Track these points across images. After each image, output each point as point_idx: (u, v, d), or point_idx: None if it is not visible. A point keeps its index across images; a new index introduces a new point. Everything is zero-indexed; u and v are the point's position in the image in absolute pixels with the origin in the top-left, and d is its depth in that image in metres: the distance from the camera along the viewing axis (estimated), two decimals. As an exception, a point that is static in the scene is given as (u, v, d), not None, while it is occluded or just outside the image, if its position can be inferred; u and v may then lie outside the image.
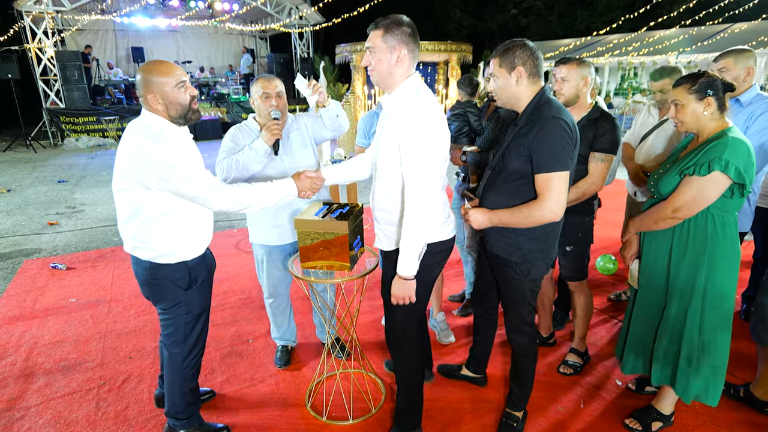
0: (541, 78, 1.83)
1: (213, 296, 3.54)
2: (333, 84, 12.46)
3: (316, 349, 2.88)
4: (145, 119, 1.80)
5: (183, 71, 1.83)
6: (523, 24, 21.33)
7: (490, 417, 2.30)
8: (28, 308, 3.43)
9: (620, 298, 3.39)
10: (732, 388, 2.36)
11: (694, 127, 1.87)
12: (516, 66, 1.77)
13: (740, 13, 12.13)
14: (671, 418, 2.19)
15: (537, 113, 1.77)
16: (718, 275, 1.88)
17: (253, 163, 2.26)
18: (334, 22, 13.10)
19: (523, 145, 1.77)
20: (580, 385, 2.51)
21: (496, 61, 1.82)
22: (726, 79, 1.82)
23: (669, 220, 1.90)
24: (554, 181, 1.73)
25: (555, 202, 1.74)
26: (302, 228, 2.04)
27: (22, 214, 5.85)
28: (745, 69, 2.34)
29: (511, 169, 1.83)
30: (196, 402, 2.16)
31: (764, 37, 10.43)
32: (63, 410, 2.37)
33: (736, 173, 1.73)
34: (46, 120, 11.25)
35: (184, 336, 2.01)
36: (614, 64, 13.35)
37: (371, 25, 1.73)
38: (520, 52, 1.76)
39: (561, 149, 1.72)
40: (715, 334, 1.95)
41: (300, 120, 2.51)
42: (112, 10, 13.05)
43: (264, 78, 2.34)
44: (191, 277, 1.94)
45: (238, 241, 4.83)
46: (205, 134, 11.90)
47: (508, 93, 1.83)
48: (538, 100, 1.79)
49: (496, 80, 1.84)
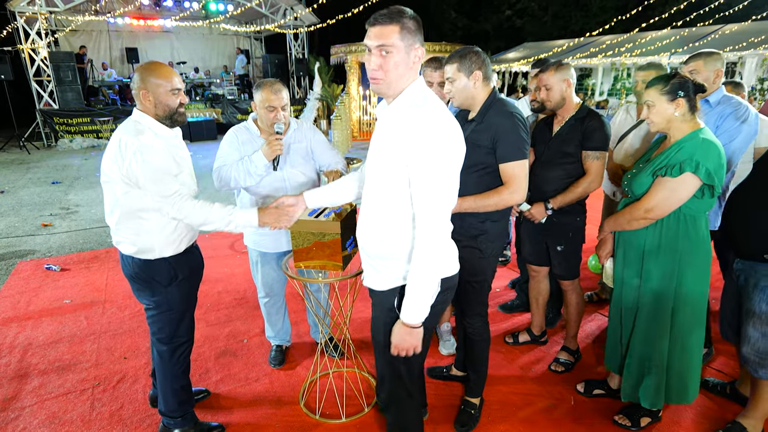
0: (492, 80, 2.04)
1: (207, 296, 3.58)
2: (328, 85, 12.48)
3: (310, 348, 2.90)
4: (134, 117, 1.89)
5: (181, 80, 1.92)
6: (517, 25, 21.43)
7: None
8: (22, 309, 3.43)
9: (591, 299, 3.42)
10: (719, 386, 2.40)
11: (665, 128, 1.91)
12: (473, 70, 1.97)
13: (731, 14, 12.24)
14: (659, 414, 2.23)
15: (494, 110, 1.98)
16: (690, 274, 1.93)
17: (251, 176, 2.23)
18: (329, 23, 13.12)
19: (485, 139, 1.96)
20: (570, 382, 2.54)
21: (454, 66, 1.99)
22: (697, 81, 1.86)
23: (642, 220, 1.94)
24: (518, 169, 1.95)
25: (523, 187, 1.97)
26: (295, 228, 2.06)
27: (16, 215, 5.84)
28: (714, 71, 2.39)
29: (471, 161, 1.86)
30: (189, 400, 2.17)
31: (754, 38, 10.54)
32: (58, 410, 2.38)
33: (707, 174, 1.77)
34: (40, 121, 11.21)
35: (169, 333, 2.04)
36: (607, 64, 13.44)
37: (381, 19, 1.39)
38: (476, 58, 1.97)
39: (522, 140, 1.94)
40: (689, 333, 1.99)
41: (305, 134, 2.44)
42: (106, 11, 13.01)
43: (270, 88, 2.23)
44: (172, 274, 1.97)
45: (233, 241, 4.84)
46: (199, 135, 11.87)
47: (466, 94, 2.02)
48: (491, 99, 2.01)
49: (454, 83, 2.02)
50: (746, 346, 1.96)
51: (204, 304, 3.46)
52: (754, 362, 1.94)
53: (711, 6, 11.94)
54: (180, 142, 2.00)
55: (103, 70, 13.70)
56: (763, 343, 1.90)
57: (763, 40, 10.42)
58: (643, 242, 1.99)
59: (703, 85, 1.86)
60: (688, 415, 2.28)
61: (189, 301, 2.10)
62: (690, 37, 12.05)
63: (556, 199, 2.38)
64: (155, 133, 1.86)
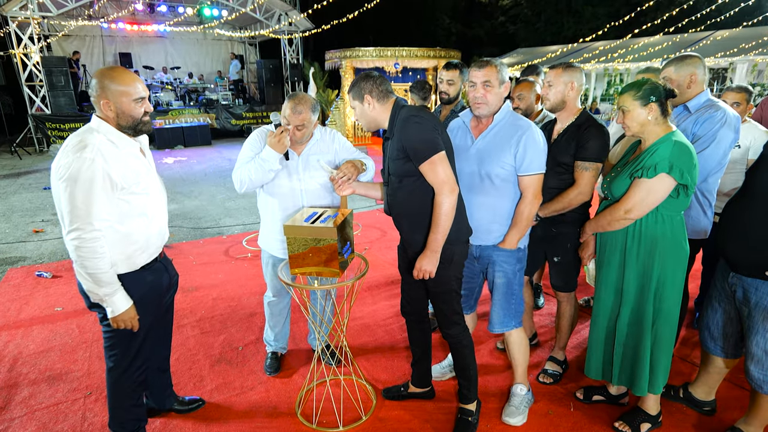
0: (389, 94, 2.02)
1: (202, 303, 3.54)
2: (323, 90, 12.49)
3: (306, 356, 2.87)
4: (92, 124, 1.77)
5: (144, 86, 1.81)
6: (510, 31, 21.59)
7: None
8: (12, 317, 3.37)
9: (589, 304, 3.41)
10: (672, 389, 2.41)
11: (640, 132, 1.98)
12: (364, 95, 1.99)
13: (722, 20, 12.40)
14: (659, 419, 2.22)
15: (399, 122, 1.96)
16: (669, 272, 2.00)
17: (265, 172, 2.24)
18: (324, 29, 13.13)
19: (396, 149, 1.95)
20: (569, 389, 2.52)
21: (350, 96, 2.05)
22: (668, 86, 1.95)
23: (622, 221, 2.01)
24: (438, 163, 1.88)
25: (449, 178, 1.89)
26: (291, 234, 2.04)
27: (7, 221, 5.76)
28: (687, 76, 2.35)
29: (399, 174, 1.98)
30: (137, 419, 2.09)
31: (745, 44, 10.68)
32: (48, 421, 2.32)
33: (680, 174, 1.85)
34: (32, 126, 11.11)
35: (120, 353, 1.94)
36: (600, 70, 13.57)
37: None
38: (364, 83, 1.99)
39: (428, 133, 1.88)
40: (663, 328, 2.06)
41: (327, 145, 2.44)
42: (99, 16, 12.95)
43: (292, 105, 2.24)
44: None
45: (228, 247, 4.81)
46: (194, 141, 11.85)
47: (368, 118, 2.05)
48: (394, 112, 1.99)
49: (355, 110, 2.08)
50: (751, 363, 1.96)
51: (198, 312, 3.42)
52: (759, 379, 1.95)
53: (702, 12, 12.09)
54: (139, 153, 1.89)
55: (97, 76, 13.62)
56: (767, 361, 1.91)
57: (754, 45, 10.56)
58: (623, 242, 2.06)
59: (674, 91, 1.95)
60: (688, 420, 2.27)
61: (144, 323, 1.92)
62: (682, 43, 12.18)
63: (542, 207, 2.32)
64: (112, 142, 1.75)
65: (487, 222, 2.16)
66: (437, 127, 1.93)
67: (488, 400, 2.43)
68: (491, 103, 2.06)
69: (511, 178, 2.09)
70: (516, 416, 2.27)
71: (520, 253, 2.22)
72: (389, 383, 2.58)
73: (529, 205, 2.10)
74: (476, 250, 2.25)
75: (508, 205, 2.14)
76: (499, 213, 2.15)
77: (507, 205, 2.14)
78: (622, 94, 1.99)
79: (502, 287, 2.23)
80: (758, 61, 10.61)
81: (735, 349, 2.12)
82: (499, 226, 2.16)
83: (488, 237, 2.19)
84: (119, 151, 1.78)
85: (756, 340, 1.92)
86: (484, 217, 2.16)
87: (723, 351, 2.14)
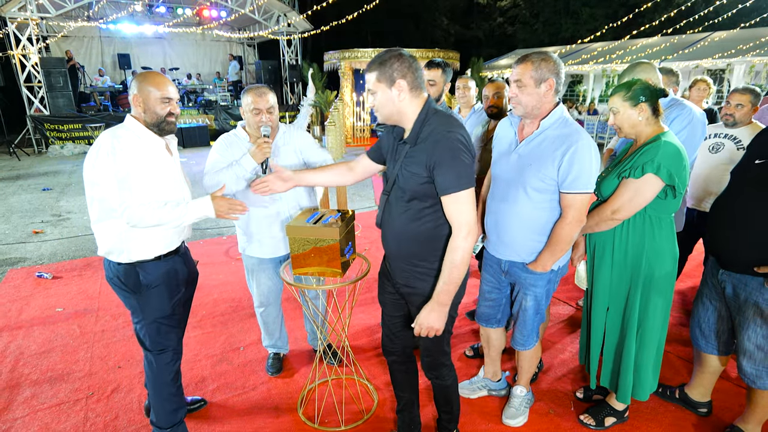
0: (423, 89, 1.65)
1: (203, 304, 3.55)
2: (322, 91, 12.50)
3: (308, 355, 2.88)
4: (125, 122, 1.92)
5: (175, 92, 1.94)
6: (509, 32, 21.66)
7: None
8: (13, 318, 3.37)
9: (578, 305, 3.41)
10: (668, 390, 2.42)
11: (631, 132, 1.97)
12: (396, 79, 1.58)
13: (719, 22, 12.46)
14: (625, 414, 2.24)
15: (428, 129, 1.60)
16: (657, 274, 1.98)
17: (239, 180, 2.21)
18: (322, 30, 13.16)
19: (420, 166, 1.59)
20: (566, 389, 2.54)
21: (373, 75, 1.61)
22: (659, 86, 1.92)
23: (609, 221, 1.99)
24: (465, 201, 1.58)
25: (472, 219, 1.59)
26: (294, 234, 2.05)
27: (6, 222, 5.76)
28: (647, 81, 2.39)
29: (411, 192, 1.64)
30: (178, 409, 2.13)
31: (742, 45, 10.74)
32: (50, 422, 2.33)
33: (667, 175, 1.83)
34: (30, 127, 11.10)
35: (149, 342, 2.02)
36: (598, 71, 13.61)
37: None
38: (398, 63, 1.58)
39: (466, 166, 1.57)
40: (652, 332, 2.05)
41: (293, 136, 2.43)
42: (98, 17, 12.96)
43: (255, 91, 2.23)
44: (139, 281, 1.93)
45: (228, 248, 4.81)
46: (192, 141, 11.84)
47: (390, 110, 1.64)
48: (424, 115, 1.62)
49: (375, 95, 1.65)
50: (743, 358, 1.98)
51: (199, 312, 3.43)
52: (751, 374, 1.96)
53: (700, 14, 12.15)
54: (164, 150, 1.97)
55: (100, 77, 13.63)
56: (759, 355, 1.93)
57: (751, 47, 10.62)
58: (611, 243, 2.04)
59: (665, 90, 1.93)
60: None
61: (163, 310, 2.00)
62: (679, 44, 12.25)
63: None
64: (138, 136, 1.88)
65: (518, 235, 1.95)
66: (472, 154, 1.61)
67: (489, 400, 2.45)
68: (525, 104, 1.83)
69: (550, 190, 1.85)
70: (516, 417, 2.27)
71: (552, 274, 1.99)
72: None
73: (568, 226, 1.84)
74: (504, 265, 2.06)
75: (544, 219, 1.90)
76: (531, 226, 1.92)
77: (543, 218, 1.90)
78: (612, 96, 1.97)
79: (531, 309, 2.06)
80: (756, 62, 10.66)
81: (726, 346, 2.13)
82: (532, 242, 1.94)
83: (518, 253, 1.98)
84: (143, 144, 1.89)
85: (747, 335, 1.93)
86: (516, 230, 1.95)
87: (715, 348, 2.15)
